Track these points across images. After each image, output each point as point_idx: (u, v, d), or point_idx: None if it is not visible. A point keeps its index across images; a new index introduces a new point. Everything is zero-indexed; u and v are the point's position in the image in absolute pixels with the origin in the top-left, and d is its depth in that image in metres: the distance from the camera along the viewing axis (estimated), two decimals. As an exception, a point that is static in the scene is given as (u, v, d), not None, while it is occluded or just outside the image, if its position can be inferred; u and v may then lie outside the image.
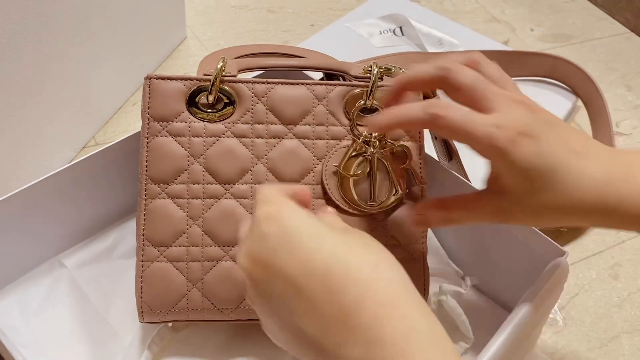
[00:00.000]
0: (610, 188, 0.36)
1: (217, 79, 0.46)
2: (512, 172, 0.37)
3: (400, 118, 0.38)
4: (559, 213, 0.38)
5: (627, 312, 0.61)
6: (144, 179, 0.46)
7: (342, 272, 0.31)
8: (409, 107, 0.38)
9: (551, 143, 0.36)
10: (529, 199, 0.37)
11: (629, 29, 0.97)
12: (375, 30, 0.87)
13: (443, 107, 0.37)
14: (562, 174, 0.36)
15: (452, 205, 0.40)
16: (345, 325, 0.30)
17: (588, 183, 0.36)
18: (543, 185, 0.36)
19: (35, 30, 0.56)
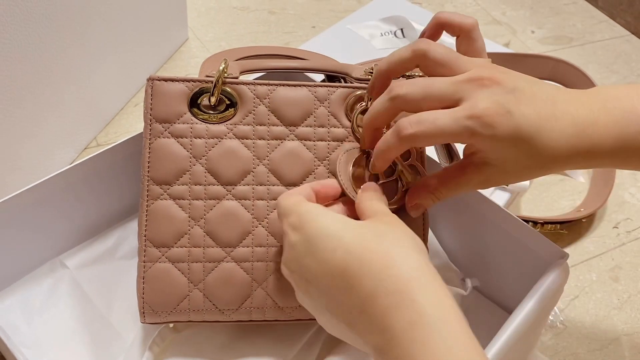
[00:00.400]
0: (581, 137, 0.38)
1: (219, 81, 0.46)
2: (495, 149, 0.38)
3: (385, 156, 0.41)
4: (539, 169, 0.39)
5: (627, 315, 0.61)
6: (146, 180, 0.46)
7: (357, 267, 0.34)
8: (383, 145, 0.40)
9: (523, 112, 0.37)
10: (511, 165, 0.39)
11: (630, 32, 0.97)
12: (377, 32, 0.87)
13: (410, 124, 0.38)
14: (538, 137, 0.37)
15: (439, 183, 0.41)
16: (365, 316, 0.33)
17: (560, 138, 0.38)
18: (523, 152, 0.38)
19: (37, 32, 0.56)
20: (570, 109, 0.38)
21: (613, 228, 0.69)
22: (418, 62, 0.41)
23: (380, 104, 0.41)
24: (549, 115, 0.38)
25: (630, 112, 0.39)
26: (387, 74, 0.43)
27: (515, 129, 0.37)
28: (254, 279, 0.46)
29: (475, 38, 0.45)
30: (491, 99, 0.37)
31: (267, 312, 0.47)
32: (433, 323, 0.31)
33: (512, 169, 0.39)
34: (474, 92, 0.37)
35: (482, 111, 0.36)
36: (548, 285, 0.46)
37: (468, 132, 0.37)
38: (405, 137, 0.38)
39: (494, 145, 0.37)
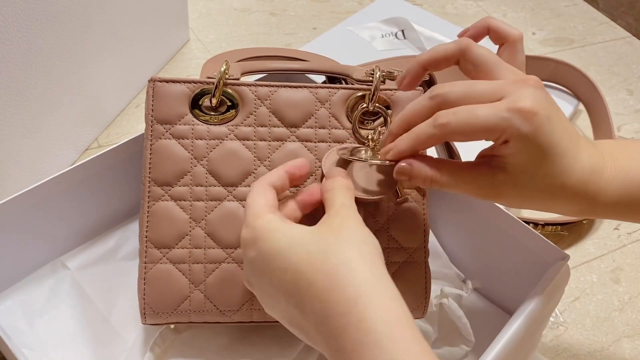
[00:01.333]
0: (592, 178, 0.38)
1: (220, 82, 0.46)
2: (520, 153, 0.36)
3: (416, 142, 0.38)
4: (548, 196, 0.38)
5: (628, 316, 0.61)
6: (147, 181, 0.46)
7: (306, 287, 0.33)
8: (417, 129, 0.38)
9: (558, 126, 0.37)
10: (525, 179, 0.37)
11: (631, 33, 0.97)
12: (377, 33, 0.87)
13: (447, 113, 0.37)
14: (561, 157, 0.37)
15: (444, 167, 0.39)
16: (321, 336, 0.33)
17: (578, 170, 0.38)
18: (545, 167, 0.37)
19: (38, 33, 0.56)
20: (589, 147, 0.39)
21: (614, 229, 0.69)
22: (460, 57, 0.40)
23: (418, 102, 0.39)
24: (575, 143, 0.38)
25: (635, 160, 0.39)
26: (425, 63, 0.41)
27: (551, 137, 0.36)
28: (254, 280, 0.46)
29: (518, 50, 0.43)
30: (536, 98, 0.36)
31: (267, 313, 0.47)
32: (379, 342, 0.31)
33: (525, 184, 0.38)
34: (519, 89, 0.36)
35: (525, 106, 0.35)
36: (549, 287, 0.46)
37: (505, 124, 0.35)
38: (439, 125, 0.36)
39: (523, 146, 0.36)
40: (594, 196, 0.38)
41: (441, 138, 0.37)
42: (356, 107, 0.48)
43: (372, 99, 0.47)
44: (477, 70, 0.39)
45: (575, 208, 0.39)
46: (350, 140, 0.48)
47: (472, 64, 0.40)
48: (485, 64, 0.39)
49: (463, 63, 0.40)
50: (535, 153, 0.36)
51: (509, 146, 0.36)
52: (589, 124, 0.78)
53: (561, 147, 0.37)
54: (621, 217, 0.41)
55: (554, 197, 0.38)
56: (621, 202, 0.39)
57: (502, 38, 0.43)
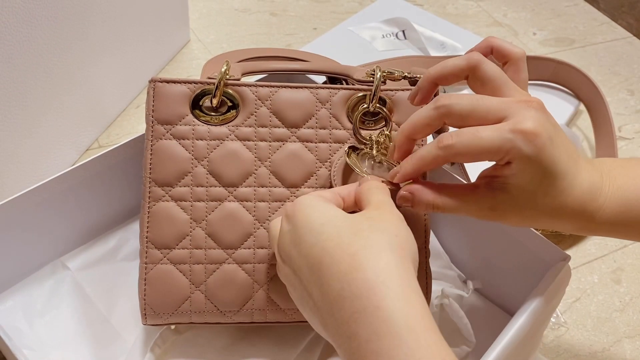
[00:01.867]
0: (591, 197, 0.39)
1: (221, 83, 0.46)
2: (527, 174, 0.37)
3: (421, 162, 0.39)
4: (547, 216, 0.39)
5: (629, 317, 0.61)
6: (147, 181, 0.46)
7: (328, 264, 0.33)
8: (422, 151, 0.39)
9: (559, 147, 0.37)
10: (526, 199, 0.38)
11: (632, 34, 0.97)
12: (378, 33, 0.87)
13: (452, 135, 0.37)
14: (561, 179, 0.38)
15: (444, 192, 0.39)
16: (334, 319, 0.33)
17: (578, 190, 0.38)
18: (545, 187, 0.38)
19: (39, 33, 0.56)
20: (588, 167, 0.39)
21: (615, 230, 0.68)
22: (470, 72, 0.40)
23: (422, 112, 0.39)
24: (575, 163, 0.38)
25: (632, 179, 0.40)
26: (435, 80, 0.42)
27: (552, 159, 0.37)
28: (255, 280, 0.46)
29: (521, 68, 0.44)
30: (539, 120, 0.36)
31: (268, 314, 0.47)
32: (398, 332, 0.30)
33: (525, 204, 0.38)
34: (522, 111, 0.37)
35: (528, 128, 0.36)
36: (550, 287, 0.46)
37: (508, 146, 0.36)
38: (444, 147, 0.37)
39: (525, 168, 0.37)
40: (592, 215, 0.39)
41: (446, 159, 0.38)
42: (357, 107, 0.48)
43: (373, 100, 0.47)
44: (485, 87, 0.40)
45: (573, 226, 0.40)
46: (351, 140, 0.48)
47: (481, 81, 0.40)
48: (494, 81, 0.40)
49: (472, 79, 0.40)
50: (536, 174, 0.37)
51: (511, 167, 0.37)
52: (589, 124, 0.78)
53: (562, 168, 0.37)
54: (618, 235, 0.41)
55: (552, 216, 0.39)
56: (618, 221, 0.39)
57: (505, 57, 0.44)
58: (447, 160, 0.38)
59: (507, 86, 0.39)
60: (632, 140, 0.80)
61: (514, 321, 0.43)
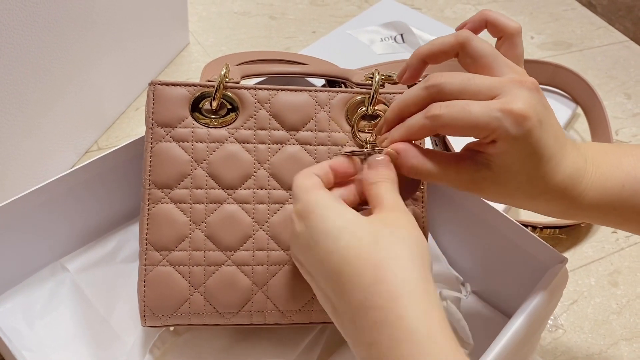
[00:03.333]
0: (573, 182, 0.38)
1: (220, 85, 0.46)
2: (506, 153, 0.37)
3: (409, 131, 0.39)
4: (527, 197, 0.39)
5: (626, 319, 0.61)
6: (147, 183, 0.46)
7: (350, 275, 0.33)
8: (411, 120, 0.38)
9: (548, 130, 0.37)
10: (507, 178, 0.38)
11: (629, 38, 0.97)
12: (377, 37, 0.88)
13: (440, 106, 0.37)
14: (546, 162, 0.37)
15: (429, 158, 0.39)
16: (355, 326, 0.33)
17: (561, 175, 0.38)
18: (529, 170, 0.37)
19: (39, 36, 0.57)
20: (574, 150, 0.39)
21: (612, 233, 0.69)
22: (459, 49, 0.40)
23: (413, 91, 0.39)
24: (562, 147, 0.38)
25: (616, 167, 0.39)
26: (424, 57, 0.41)
27: (539, 142, 0.36)
28: (254, 282, 0.46)
29: (516, 44, 0.43)
30: (529, 102, 0.36)
31: (267, 315, 0.47)
32: (420, 340, 0.30)
33: (506, 183, 0.38)
34: (514, 90, 0.36)
35: (518, 109, 0.35)
36: (547, 290, 0.46)
37: (495, 124, 0.35)
38: (431, 116, 0.37)
39: (510, 148, 0.36)
40: (573, 199, 0.39)
41: (432, 129, 0.37)
42: (356, 110, 0.48)
43: (372, 103, 0.48)
44: (476, 64, 0.39)
45: (553, 209, 0.40)
46: (349, 143, 0.48)
47: (471, 58, 0.39)
48: (484, 57, 0.39)
49: (462, 56, 0.40)
50: (520, 155, 0.37)
51: (496, 146, 0.37)
52: (586, 127, 0.79)
53: (548, 151, 0.37)
54: (597, 221, 0.41)
55: (534, 198, 0.39)
56: (598, 208, 0.39)
57: (500, 31, 0.43)
58: (434, 130, 0.37)
59: (498, 62, 0.39)
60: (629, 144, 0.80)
61: (511, 323, 0.44)
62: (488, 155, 0.37)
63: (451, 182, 0.39)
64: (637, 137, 0.81)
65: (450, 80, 0.37)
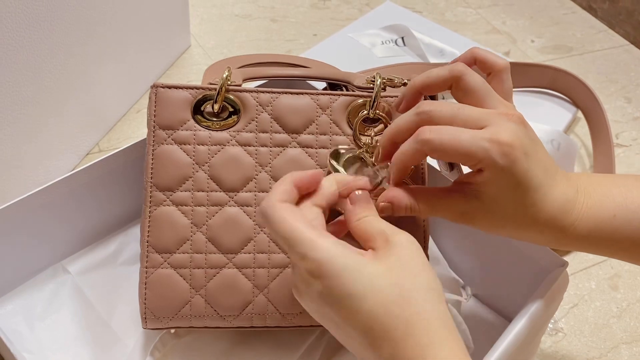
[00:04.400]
0: (563, 213, 0.39)
1: (222, 88, 0.46)
2: (494, 184, 0.38)
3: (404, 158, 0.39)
4: (517, 226, 0.39)
5: (626, 323, 0.61)
6: (149, 186, 0.46)
7: (380, 331, 0.34)
8: (403, 147, 0.39)
9: (535, 161, 0.38)
10: (498, 208, 0.39)
11: (629, 42, 0.98)
12: (377, 40, 0.88)
13: (430, 130, 0.38)
14: (534, 190, 0.38)
15: (420, 196, 0.40)
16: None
17: (551, 204, 0.39)
18: (518, 199, 0.38)
19: (41, 39, 0.57)
20: (564, 181, 0.40)
21: (612, 236, 0.69)
22: (453, 82, 0.41)
23: (405, 116, 0.40)
24: (551, 178, 0.39)
25: (606, 197, 0.40)
26: (419, 89, 0.42)
27: (525, 173, 0.37)
28: (255, 285, 0.46)
29: (504, 79, 0.44)
30: (516, 134, 0.37)
31: (268, 318, 0.47)
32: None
33: (495, 213, 0.39)
34: (501, 122, 0.38)
35: (505, 140, 0.37)
36: (547, 293, 0.46)
37: (482, 154, 0.37)
38: (421, 141, 0.38)
39: (497, 178, 0.37)
40: (563, 229, 0.39)
41: (424, 153, 0.38)
42: (357, 113, 0.48)
43: (373, 106, 0.48)
44: (468, 97, 0.40)
45: (544, 239, 0.40)
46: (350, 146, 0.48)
47: (463, 91, 0.41)
48: (477, 92, 0.40)
49: (455, 89, 0.41)
50: (507, 185, 0.38)
51: (483, 175, 0.38)
52: (587, 131, 0.79)
53: (535, 181, 0.38)
54: (589, 251, 0.42)
55: (523, 228, 0.39)
56: (590, 238, 0.40)
57: (489, 68, 0.44)
58: (426, 154, 0.38)
59: (490, 97, 0.40)
60: (630, 148, 0.80)
61: (511, 327, 0.44)
62: (476, 185, 0.39)
63: (445, 216, 0.40)
64: (637, 141, 0.81)
65: (440, 109, 0.39)
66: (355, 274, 0.34)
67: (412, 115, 0.40)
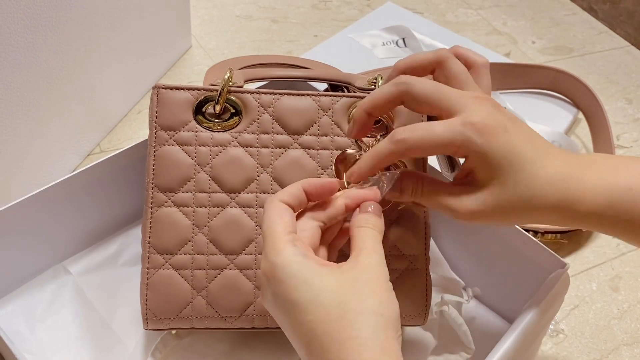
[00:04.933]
0: (570, 184, 0.38)
1: (224, 90, 0.46)
2: (484, 164, 0.37)
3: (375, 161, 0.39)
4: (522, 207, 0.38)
5: (627, 324, 0.61)
6: (150, 187, 0.46)
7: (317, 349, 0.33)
8: (377, 147, 0.39)
9: (518, 136, 0.37)
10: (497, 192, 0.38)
11: (630, 43, 0.98)
12: (378, 41, 0.88)
13: (404, 130, 0.38)
14: (526, 165, 0.37)
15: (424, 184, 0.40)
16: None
17: (550, 178, 0.38)
18: (511, 178, 0.37)
19: (43, 40, 0.57)
20: (562, 155, 0.39)
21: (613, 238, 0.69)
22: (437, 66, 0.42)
23: (383, 88, 0.39)
24: (543, 152, 0.38)
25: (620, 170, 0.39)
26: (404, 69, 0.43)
27: (509, 147, 0.37)
28: (256, 286, 0.46)
29: (483, 75, 0.45)
30: (489, 113, 0.37)
31: (269, 319, 0.47)
32: None
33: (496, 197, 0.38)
34: (474, 105, 0.37)
35: (478, 120, 0.37)
36: (548, 295, 0.46)
37: (460, 138, 0.36)
38: (396, 141, 0.37)
39: (482, 159, 0.37)
40: (571, 205, 0.38)
41: (400, 154, 0.38)
42: (358, 115, 0.48)
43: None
44: (449, 83, 0.41)
45: (553, 217, 0.39)
46: (352, 148, 0.48)
47: (445, 76, 0.41)
48: (457, 78, 0.41)
49: (437, 73, 0.42)
50: (495, 164, 0.37)
51: (470, 161, 0.38)
52: (588, 132, 0.79)
53: (524, 156, 0.37)
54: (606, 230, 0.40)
55: (529, 208, 0.38)
56: (605, 214, 0.38)
57: (469, 64, 0.45)
58: (402, 155, 0.38)
59: (468, 85, 0.41)
60: (630, 149, 0.80)
61: (512, 328, 0.44)
62: (470, 174, 0.38)
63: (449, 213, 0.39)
64: (638, 142, 0.81)
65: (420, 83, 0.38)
66: (303, 284, 0.34)
67: (391, 85, 0.39)
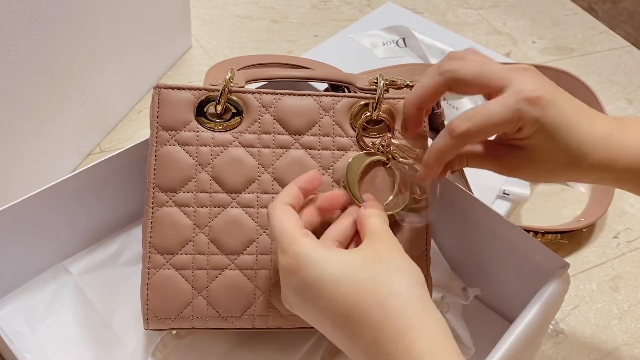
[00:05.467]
0: (612, 144, 0.40)
1: (225, 90, 0.46)
2: (541, 134, 0.39)
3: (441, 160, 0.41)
4: (568, 168, 0.40)
5: (627, 324, 0.61)
6: (151, 186, 0.46)
7: (358, 316, 0.34)
8: (436, 143, 0.41)
9: (565, 101, 0.39)
10: (546, 155, 0.40)
11: (630, 43, 0.98)
12: (379, 41, 0.88)
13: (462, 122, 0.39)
14: (575, 129, 0.39)
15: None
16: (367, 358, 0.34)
17: (595, 139, 0.40)
18: (562, 141, 0.39)
19: (43, 39, 0.57)
20: (603, 117, 0.41)
21: (613, 238, 0.69)
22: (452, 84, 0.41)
23: (427, 80, 0.41)
24: (587, 116, 0.40)
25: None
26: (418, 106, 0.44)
27: (561, 113, 0.38)
28: (257, 286, 0.46)
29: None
30: (538, 82, 0.39)
31: (269, 319, 0.47)
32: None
33: (544, 160, 0.40)
34: (519, 78, 0.39)
35: (530, 91, 0.38)
36: (549, 295, 0.46)
37: (518, 115, 0.38)
38: (458, 135, 0.39)
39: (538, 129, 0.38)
40: (614, 162, 0.40)
41: (462, 146, 0.40)
42: (360, 115, 0.48)
43: (377, 108, 0.48)
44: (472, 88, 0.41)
45: (595, 177, 0.41)
46: (353, 148, 0.48)
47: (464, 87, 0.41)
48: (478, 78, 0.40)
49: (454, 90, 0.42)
50: (550, 132, 0.39)
51: (524, 132, 0.39)
52: (588, 132, 0.79)
53: (573, 121, 0.39)
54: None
55: (575, 169, 0.40)
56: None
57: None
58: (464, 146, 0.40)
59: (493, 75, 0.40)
60: None
61: (512, 328, 0.44)
62: (520, 141, 0.40)
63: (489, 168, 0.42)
64: (638, 143, 0.81)
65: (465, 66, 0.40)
66: (330, 262, 0.36)
67: (436, 75, 0.40)
